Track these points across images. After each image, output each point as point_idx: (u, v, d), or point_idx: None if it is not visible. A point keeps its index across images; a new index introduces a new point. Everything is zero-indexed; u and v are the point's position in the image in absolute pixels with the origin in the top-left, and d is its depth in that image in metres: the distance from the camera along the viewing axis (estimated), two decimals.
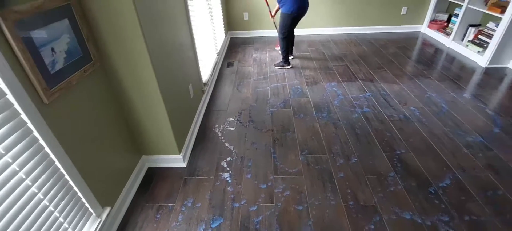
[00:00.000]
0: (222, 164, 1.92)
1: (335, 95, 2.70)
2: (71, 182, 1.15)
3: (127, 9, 1.26)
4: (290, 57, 3.56)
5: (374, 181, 1.72)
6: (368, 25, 4.51)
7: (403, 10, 4.34)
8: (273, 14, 3.58)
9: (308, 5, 3.03)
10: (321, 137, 2.13)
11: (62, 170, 1.10)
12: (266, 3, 3.62)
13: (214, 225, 1.49)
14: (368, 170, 1.80)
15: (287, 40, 3.21)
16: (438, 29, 4.10)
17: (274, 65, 3.44)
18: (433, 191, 1.63)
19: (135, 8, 1.27)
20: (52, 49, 1.09)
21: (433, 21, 4.26)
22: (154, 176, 1.84)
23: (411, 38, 4.24)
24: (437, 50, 3.74)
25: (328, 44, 4.14)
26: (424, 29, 4.41)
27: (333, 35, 4.49)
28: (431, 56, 3.55)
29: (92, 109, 1.36)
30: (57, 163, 1.08)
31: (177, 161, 1.88)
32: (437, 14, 4.23)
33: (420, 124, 2.22)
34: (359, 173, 1.78)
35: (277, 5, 3.19)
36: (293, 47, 3.63)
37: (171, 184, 1.77)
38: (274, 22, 3.74)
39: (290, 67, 3.37)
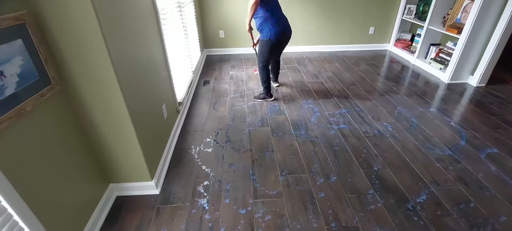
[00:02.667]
0: (198, 188, 1.81)
1: (312, 113, 2.72)
2: (22, 224, 0.99)
3: (91, 28, 1.17)
4: (276, 85, 3.27)
5: (354, 199, 1.71)
6: (339, 44, 4.69)
7: (371, 30, 4.59)
8: (255, 42, 3.06)
9: (290, 32, 2.71)
10: (300, 155, 2.11)
11: (10, 210, 0.95)
12: (250, 36, 2.95)
13: None
14: (348, 188, 1.79)
15: (267, 70, 2.83)
16: (403, 48, 4.36)
17: (254, 97, 3.03)
18: (411, 208, 1.65)
19: (100, 27, 1.18)
20: (1, 73, 0.97)
21: (398, 40, 4.53)
22: (123, 206, 1.68)
23: (379, 56, 4.46)
24: (404, 67, 3.96)
25: (303, 61, 4.23)
26: (390, 47, 4.67)
27: (307, 53, 4.60)
28: (398, 73, 3.75)
29: (51, 137, 1.22)
30: (4, 203, 0.93)
31: (149, 188, 1.75)
32: (401, 34, 4.52)
33: (394, 139, 2.28)
34: (339, 192, 1.76)
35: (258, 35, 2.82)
36: (279, 74, 3.29)
37: (142, 214, 1.62)
38: (254, 50, 3.19)
39: (273, 100, 2.98)
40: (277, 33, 2.58)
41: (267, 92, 2.96)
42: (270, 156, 2.10)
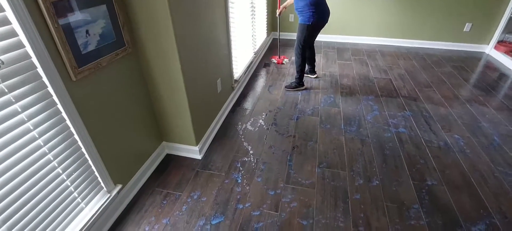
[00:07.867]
0: (236, 163, 1.92)
1: (370, 110, 2.52)
2: (86, 156, 1.25)
3: (160, 1, 1.33)
4: (313, 76, 3.15)
5: (393, 209, 1.56)
6: (422, 39, 4.12)
7: (467, 27, 3.87)
8: (280, 10, 3.18)
9: (329, 15, 2.59)
10: (344, 151, 2.01)
11: (80, 143, 1.20)
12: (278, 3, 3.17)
13: (214, 222, 1.49)
14: (389, 197, 1.64)
15: (304, 57, 2.78)
16: (507, 52, 3.56)
17: (286, 87, 2.93)
18: None
19: (168, 2, 1.33)
20: (87, 32, 1.19)
21: (501, 42, 3.72)
22: (170, 162, 1.92)
23: (472, 58, 3.76)
24: (502, 75, 3.25)
25: (374, 54, 3.88)
26: (489, 50, 3.87)
27: (381, 46, 4.20)
28: (493, 81, 3.11)
29: (119, 91, 1.46)
30: (76, 136, 1.18)
31: (194, 152, 1.94)
32: (507, 35, 3.68)
33: (462, 155, 1.96)
34: (378, 198, 1.63)
35: (286, 2, 3.03)
36: (315, 64, 3.16)
37: (183, 173, 1.82)
38: (278, 17, 3.34)
39: (304, 88, 2.91)
40: (320, 17, 2.51)
41: (300, 80, 2.87)
42: (312, 146, 2.06)
